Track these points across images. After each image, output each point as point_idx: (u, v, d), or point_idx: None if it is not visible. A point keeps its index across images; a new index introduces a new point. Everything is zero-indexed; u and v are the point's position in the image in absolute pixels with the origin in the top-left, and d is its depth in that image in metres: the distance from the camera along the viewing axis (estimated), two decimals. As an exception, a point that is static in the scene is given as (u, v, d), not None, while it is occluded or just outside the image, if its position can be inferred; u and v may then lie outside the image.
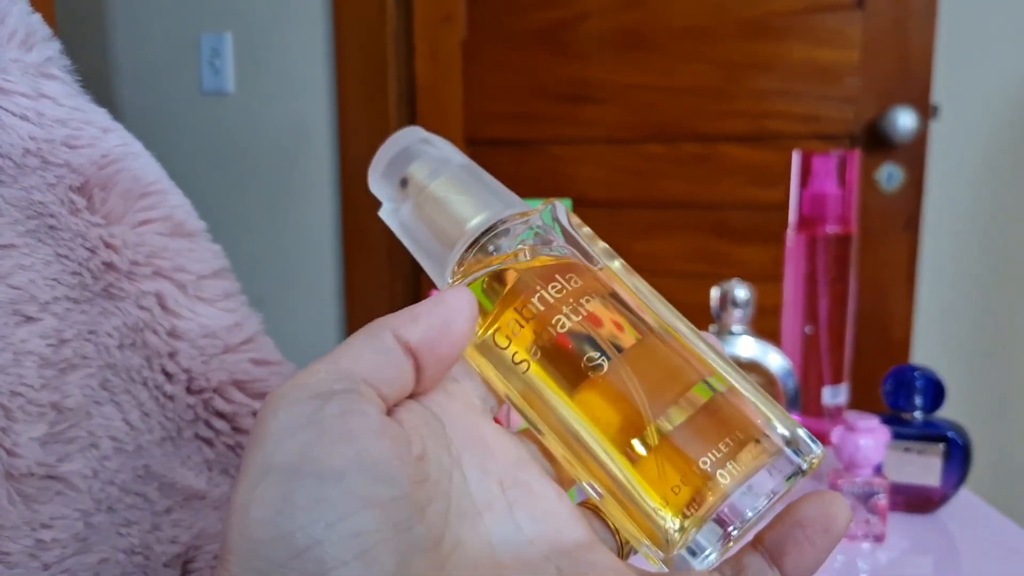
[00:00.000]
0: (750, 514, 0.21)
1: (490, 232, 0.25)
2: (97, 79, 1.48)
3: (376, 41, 1.29)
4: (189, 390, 0.38)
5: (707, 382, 0.23)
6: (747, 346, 0.62)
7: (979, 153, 1.09)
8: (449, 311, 0.22)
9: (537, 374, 0.23)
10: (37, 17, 0.35)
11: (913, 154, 1.08)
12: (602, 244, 0.26)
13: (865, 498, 0.51)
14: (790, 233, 0.67)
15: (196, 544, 0.37)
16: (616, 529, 0.23)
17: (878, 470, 0.52)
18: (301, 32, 1.34)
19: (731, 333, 0.63)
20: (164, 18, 1.43)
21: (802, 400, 0.65)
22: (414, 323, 0.21)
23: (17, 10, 0.34)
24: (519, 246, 0.25)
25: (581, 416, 0.22)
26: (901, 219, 1.09)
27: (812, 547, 0.20)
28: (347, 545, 0.17)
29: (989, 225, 1.10)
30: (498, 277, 0.24)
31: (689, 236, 1.16)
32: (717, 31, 1.12)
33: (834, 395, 0.66)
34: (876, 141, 1.08)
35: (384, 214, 0.27)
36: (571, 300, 0.23)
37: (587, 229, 0.26)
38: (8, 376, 0.31)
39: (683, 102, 1.15)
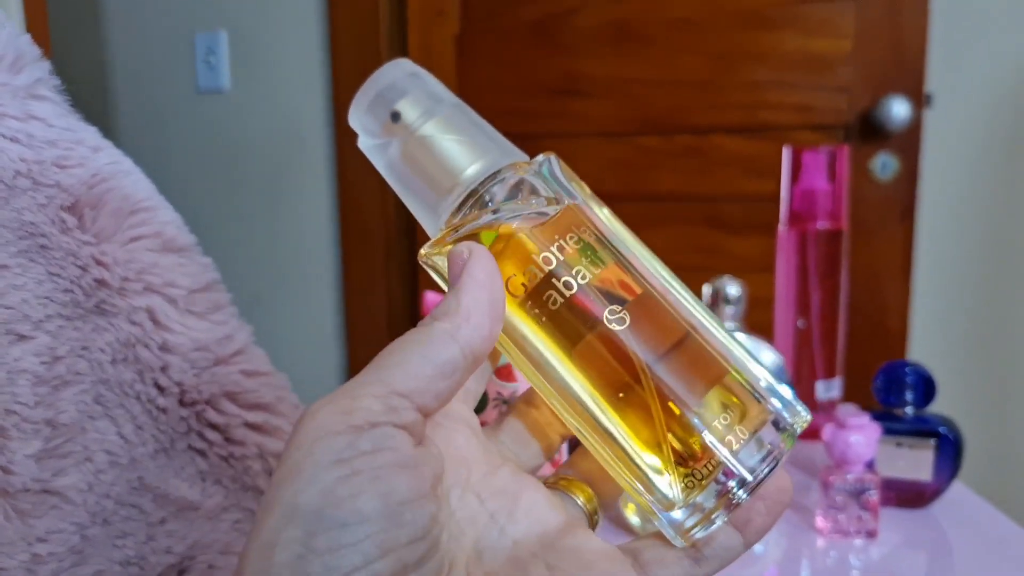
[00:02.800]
0: (750, 477, 0.21)
1: (487, 182, 0.24)
2: (93, 78, 1.48)
3: (370, 36, 1.29)
4: (181, 403, 0.38)
5: (698, 336, 0.23)
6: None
7: (974, 142, 1.08)
8: (491, 292, 0.21)
9: (541, 334, 0.23)
10: (26, 39, 0.35)
11: (907, 143, 1.08)
12: (589, 192, 0.25)
13: (857, 494, 0.51)
14: (781, 228, 0.67)
15: (190, 554, 0.38)
16: (586, 503, 0.24)
17: (869, 466, 0.52)
18: (295, 29, 1.34)
19: (723, 330, 0.63)
20: (159, 17, 1.43)
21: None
22: (469, 322, 0.21)
23: (5, 34, 0.34)
24: (517, 200, 0.24)
25: (584, 377, 0.22)
26: (896, 209, 1.09)
27: (770, 515, 0.22)
28: None
29: (985, 214, 1.10)
30: (499, 232, 0.23)
31: (683, 228, 1.16)
32: (709, 22, 1.12)
33: (827, 389, 0.67)
34: (870, 131, 1.08)
35: (366, 149, 0.26)
36: (579, 260, 0.23)
37: (577, 179, 0.25)
38: (2, 395, 0.31)
39: (676, 94, 1.15)
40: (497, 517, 0.22)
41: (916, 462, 0.55)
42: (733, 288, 0.64)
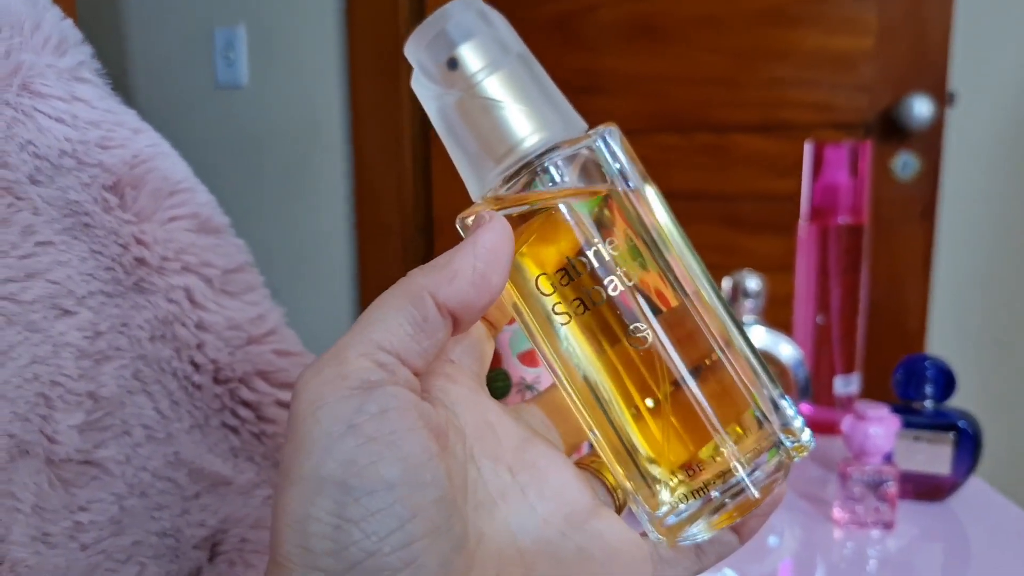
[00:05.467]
0: (743, 496, 0.22)
1: (542, 156, 0.22)
2: (113, 73, 1.49)
3: (388, 32, 1.30)
4: (216, 380, 0.39)
5: (726, 357, 0.23)
6: (759, 336, 0.63)
7: (996, 141, 1.08)
8: (488, 264, 0.21)
9: (575, 330, 0.22)
10: (69, 23, 0.36)
11: (929, 142, 1.08)
12: (643, 172, 0.24)
13: (875, 486, 0.52)
14: (802, 223, 0.67)
15: (223, 528, 0.39)
16: (614, 487, 0.24)
17: (888, 458, 0.52)
18: (314, 24, 1.35)
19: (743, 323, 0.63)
20: (178, 12, 1.44)
21: (813, 389, 0.66)
22: (451, 283, 0.20)
23: (50, 16, 0.35)
24: (569, 182, 0.23)
25: (609, 376, 0.22)
26: (917, 208, 1.09)
27: (761, 516, 0.24)
28: (398, 555, 0.18)
29: (1005, 214, 1.10)
30: (546, 215, 0.22)
31: (702, 227, 1.16)
32: (729, 19, 1.12)
33: (846, 384, 0.67)
34: (891, 129, 1.08)
35: (420, 90, 0.23)
36: (626, 260, 0.22)
37: (634, 156, 0.24)
38: (48, 367, 0.32)
39: (696, 92, 1.15)
40: (527, 492, 0.22)
41: (934, 456, 0.55)
42: (753, 282, 0.65)
